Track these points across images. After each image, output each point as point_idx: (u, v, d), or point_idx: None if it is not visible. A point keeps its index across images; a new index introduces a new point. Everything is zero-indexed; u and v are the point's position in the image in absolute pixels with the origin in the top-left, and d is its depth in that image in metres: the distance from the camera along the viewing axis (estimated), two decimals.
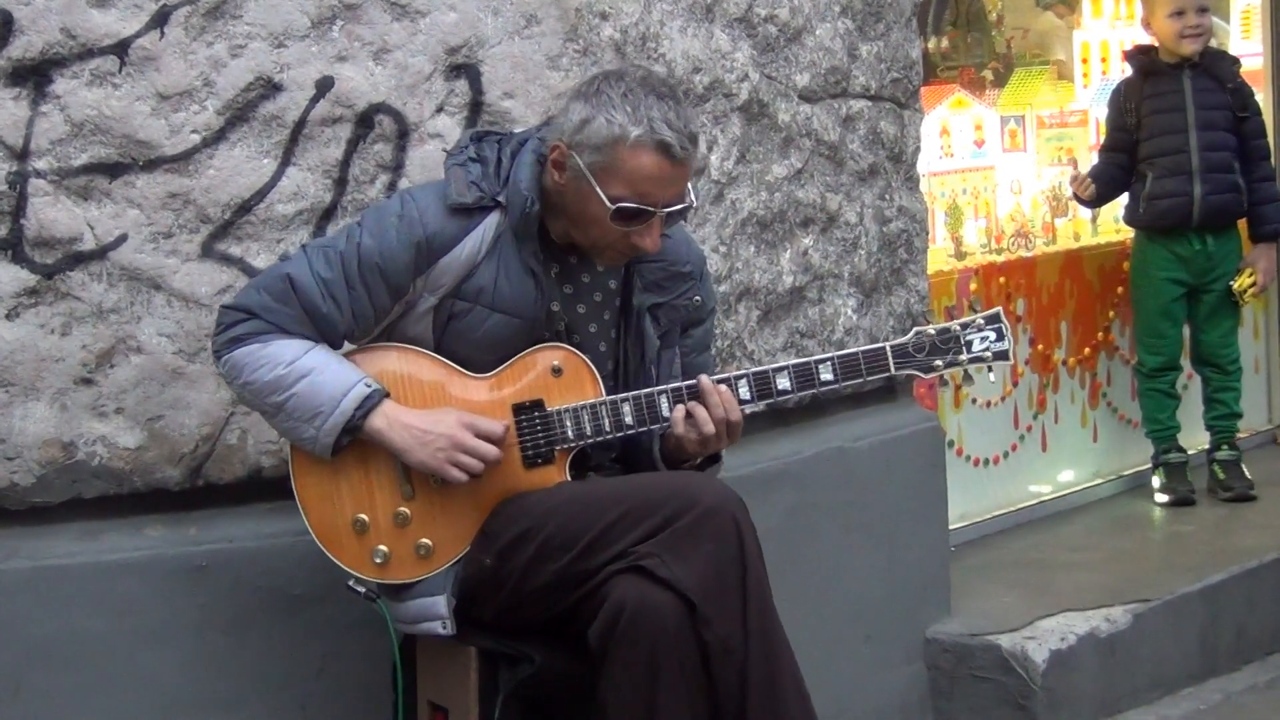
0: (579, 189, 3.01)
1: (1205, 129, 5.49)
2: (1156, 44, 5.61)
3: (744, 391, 3.09)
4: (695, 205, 3.11)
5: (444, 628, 3.05)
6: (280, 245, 3.36)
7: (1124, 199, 5.72)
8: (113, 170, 3.29)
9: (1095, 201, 5.71)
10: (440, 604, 3.05)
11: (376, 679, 3.25)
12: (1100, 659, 4.37)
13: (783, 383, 3.10)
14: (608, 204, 2.97)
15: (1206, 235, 5.54)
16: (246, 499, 3.45)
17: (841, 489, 4.23)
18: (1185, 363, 5.75)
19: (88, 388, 3.33)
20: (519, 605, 3.02)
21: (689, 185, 3.06)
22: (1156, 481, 5.61)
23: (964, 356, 3.16)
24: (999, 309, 3.19)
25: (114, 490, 3.38)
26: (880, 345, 3.15)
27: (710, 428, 3.06)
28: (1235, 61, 5.70)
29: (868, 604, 4.29)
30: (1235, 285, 5.55)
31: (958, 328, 3.16)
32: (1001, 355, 3.16)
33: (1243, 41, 6.47)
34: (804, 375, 3.10)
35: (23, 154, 3.26)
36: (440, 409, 3.05)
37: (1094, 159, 5.92)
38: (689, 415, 3.06)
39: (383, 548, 3.07)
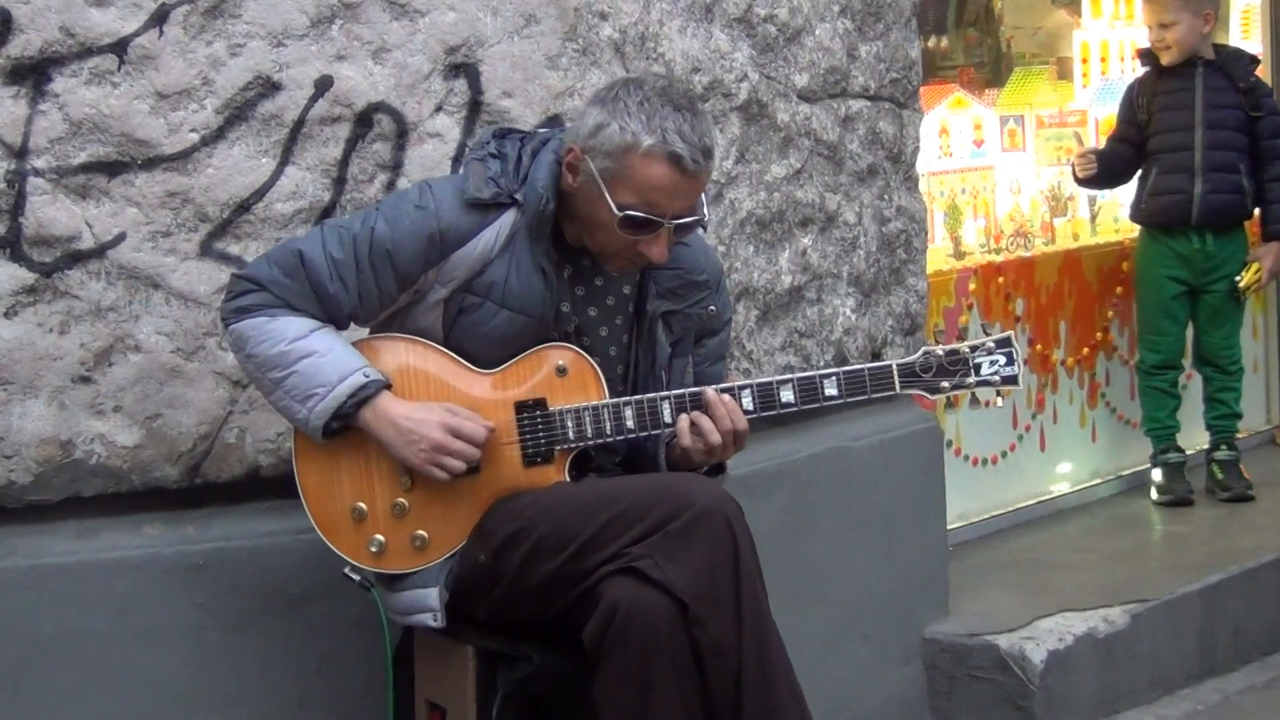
0: (590, 194, 3.01)
1: (1212, 128, 5.51)
2: None
3: (747, 403, 3.09)
4: (707, 219, 3.10)
5: (435, 620, 3.06)
6: None
7: (1128, 195, 5.73)
8: (111, 169, 3.29)
9: (1093, 182, 5.70)
10: (433, 596, 3.05)
11: (375, 677, 3.25)
12: (1098, 659, 4.37)
13: (786, 395, 3.10)
14: (615, 211, 2.97)
15: (1207, 234, 5.55)
16: (245, 498, 3.45)
17: (840, 489, 4.24)
18: (1186, 363, 5.75)
19: (86, 386, 3.33)
20: (513, 604, 3.02)
21: (702, 198, 3.06)
22: (1155, 481, 5.62)
23: (971, 379, 3.14)
24: (1010, 333, 3.17)
25: (112, 489, 3.38)
26: (887, 364, 3.14)
27: (716, 438, 3.06)
28: (1252, 60, 5.71)
29: (866, 604, 4.29)
30: (1241, 281, 5.55)
31: (967, 350, 3.14)
32: (1010, 380, 3.14)
33: (1242, 41, 6.47)
34: (808, 389, 3.11)
35: (21, 152, 3.25)
36: (429, 405, 3.05)
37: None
38: (694, 425, 3.07)
39: (379, 537, 3.07)
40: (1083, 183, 5.73)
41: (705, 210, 3.08)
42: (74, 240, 3.29)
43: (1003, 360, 3.14)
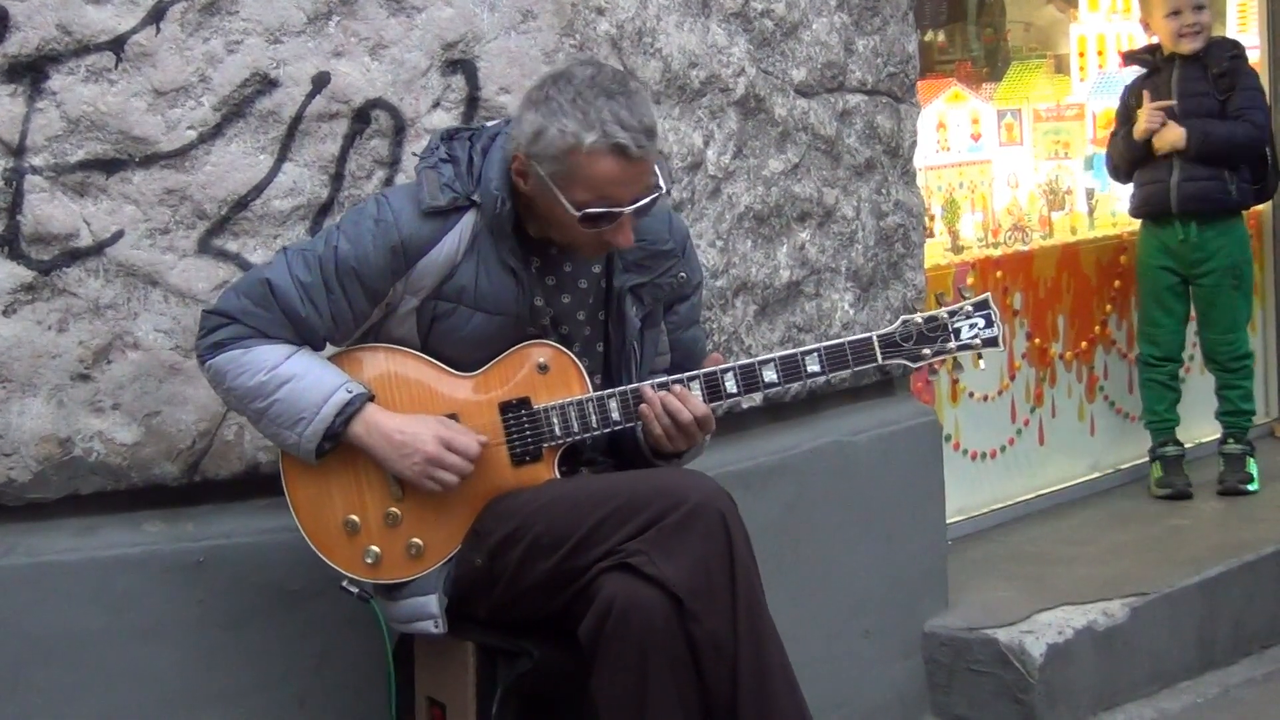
0: (546, 196, 2.99)
1: (1185, 116, 5.48)
2: (1159, 42, 5.62)
3: (730, 385, 3.08)
4: (666, 191, 3.05)
5: (436, 626, 3.06)
6: (277, 241, 3.36)
7: (1126, 189, 5.74)
8: (109, 166, 3.29)
9: (1121, 165, 5.65)
10: (432, 603, 3.05)
11: (374, 674, 3.25)
12: (1098, 652, 4.37)
13: (769, 375, 3.09)
14: (573, 211, 2.96)
15: (1191, 224, 5.53)
16: (244, 495, 3.45)
17: (839, 483, 4.24)
18: (1185, 356, 5.73)
19: (85, 384, 3.33)
20: (512, 603, 3.02)
21: (656, 173, 3.02)
22: (1153, 474, 5.62)
23: (952, 344, 3.12)
24: (987, 295, 3.15)
25: (111, 486, 3.38)
26: (867, 335, 3.12)
27: (657, 428, 3.05)
28: (1231, 46, 5.62)
29: (866, 598, 4.29)
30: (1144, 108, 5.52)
31: (945, 315, 3.13)
32: (991, 342, 3.13)
33: (1239, 33, 6.47)
34: (790, 367, 3.09)
35: (19, 150, 3.25)
36: (421, 417, 3.04)
37: (1089, 150, 5.95)
38: (660, 410, 3.05)
39: (374, 548, 3.07)
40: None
41: (663, 181, 3.04)
42: (72, 238, 3.29)
43: (982, 323, 3.13)
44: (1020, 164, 5.92)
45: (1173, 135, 5.49)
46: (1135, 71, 5.73)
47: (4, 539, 3.35)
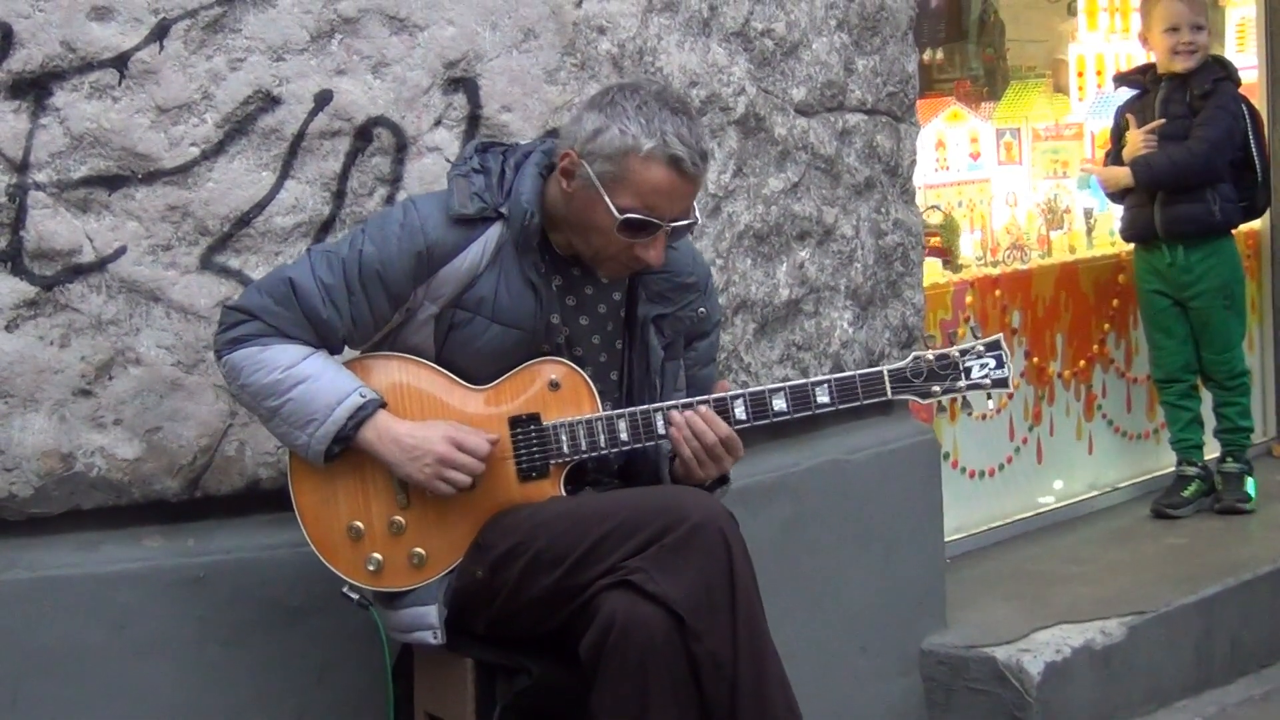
0: (587, 198, 3.01)
1: (1165, 139, 5.49)
2: (1155, 60, 5.62)
3: (740, 412, 3.09)
4: (699, 222, 3.11)
5: (435, 637, 3.06)
6: (279, 257, 3.37)
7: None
8: (112, 183, 3.30)
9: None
10: (432, 614, 3.06)
11: (374, 689, 3.25)
12: (1095, 671, 4.37)
13: (779, 404, 3.10)
14: (616, 214, 2.98)
15: (1178, 247, 5.53)
16: (244, 510, 3.46)
17: (838, 501, 4.24)
18: (1191, 375, 5.72)
19: (86, 399, 3.34)
20: (511, 618, 3.03)
21: (694, 202, 3.07)
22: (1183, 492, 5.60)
23: (962, 383, 3.14)
24: (999, 336, 3.18)
25: (112, 501, 3.39)
26: (878, 370, 3.14)
27: (694, 444, 3.05)
28: (1219, 69, 5.60)
29: (864, 616, 4.30)
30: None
31: (957, 354, 3.15)
32: (1001, 383, 3.15)
33: (1238, 54, 6.49)
34: (800, 397, 3.11)
35: (22, 166, 3.27)
36: (430, 422, 3.06)
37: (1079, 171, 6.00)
38: (684, 430, 3.06)
39: (377, 555, 3.08)
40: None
41: (697, 213, 3.10)
42: (75, 254, 3.30)
43: (993, 363, 3.15)
44: (1019, 183, 5.93)
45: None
46: (1129, 91, 5.75)
47: (5, 553, 3.35)
